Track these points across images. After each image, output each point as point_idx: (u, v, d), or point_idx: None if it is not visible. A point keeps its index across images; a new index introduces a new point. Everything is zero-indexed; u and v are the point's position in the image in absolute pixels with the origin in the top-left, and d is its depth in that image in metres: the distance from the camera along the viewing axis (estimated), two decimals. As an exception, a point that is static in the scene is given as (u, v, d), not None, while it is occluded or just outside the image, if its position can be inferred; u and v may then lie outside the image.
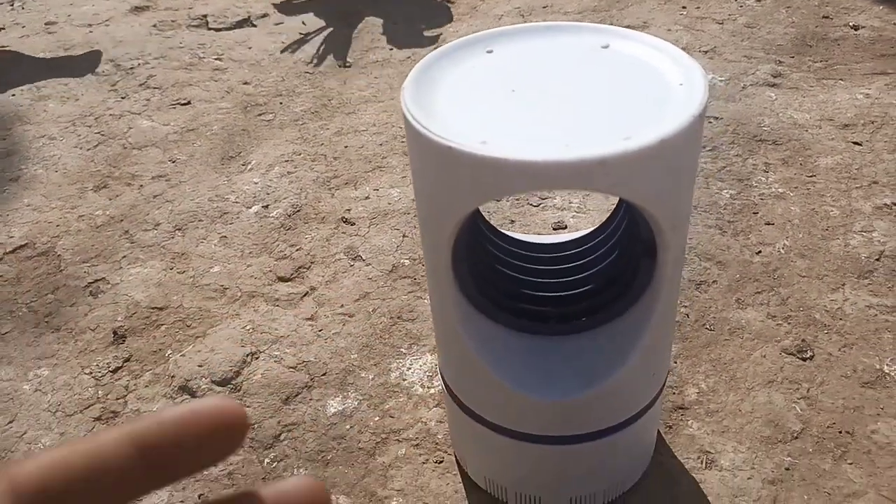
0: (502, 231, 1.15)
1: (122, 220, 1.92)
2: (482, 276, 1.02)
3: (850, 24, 2.53)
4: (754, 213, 1.75)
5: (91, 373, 1.50)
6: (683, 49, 2.34)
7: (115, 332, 1.58)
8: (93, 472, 0.19)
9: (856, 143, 1.94)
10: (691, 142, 0.81)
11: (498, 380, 0.98)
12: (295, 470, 1.29)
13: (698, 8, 2.72)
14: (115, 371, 1.50)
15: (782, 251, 1.64)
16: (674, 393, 1.37)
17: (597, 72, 0.91)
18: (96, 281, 1.73)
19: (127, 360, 1.52)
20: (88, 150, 2.23)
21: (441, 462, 1.29)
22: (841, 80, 2.23)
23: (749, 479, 1.21)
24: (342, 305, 1.61)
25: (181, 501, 1.25)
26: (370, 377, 1.45)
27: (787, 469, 1.23)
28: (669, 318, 1.01)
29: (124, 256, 1.80)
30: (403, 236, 1.79)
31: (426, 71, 0.91)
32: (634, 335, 0.97)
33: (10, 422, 1.41)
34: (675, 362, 1.42)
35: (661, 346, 1.03)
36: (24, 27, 3.05)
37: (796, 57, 2.36)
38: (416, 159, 0.87)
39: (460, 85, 0.90)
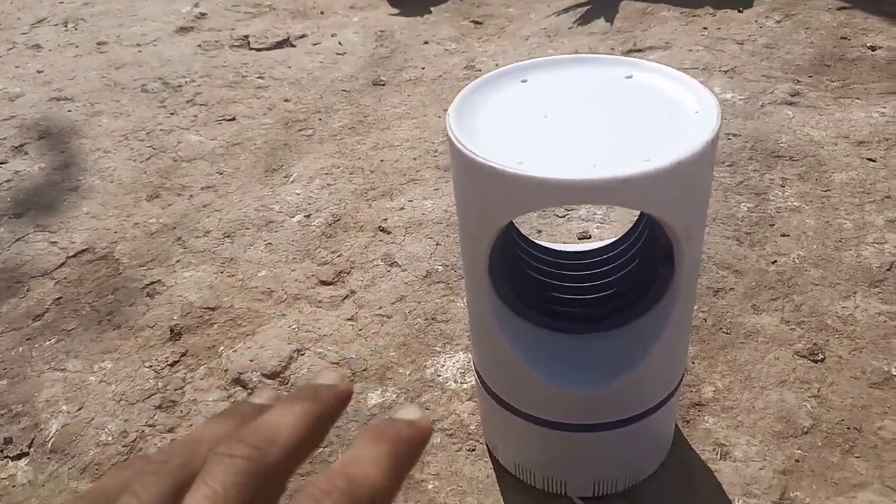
0: (533, 240, 1.27)
1: (174, 228, 2.06)
2: (515, 280, 1.14)
3: (868, 44, 2.61)
4: (770, 225, 1.84)
5: (151, 366, 1.63)
6: (704, 69, 2.45)
7: (171, 330, 1.71)
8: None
9: (870, 159, 2.03)
10: (705, 163, 0.92)
11: (529, 371, 1.09)
12: (340, 455, 1.40)
13: (719, 29, 2.83)
14: (172, 365, 1.63)
15: (797, 261, 1.73)
16: (691, 391, 1.46)
17: (621, 100, 1.02)
18: (152, 283, 1.87)
19: (183, 354, 1.65)
20: (141, 162, 2.38)
21: (473, 450, 1.39)
22: (857, 98, 2.31)
23: (761, 469, 1.30)
24: (380, 307, 1.73)
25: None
26: (407, 373, 1.56)
27: (797, 461, 1.32)
28: (686, 319, 1.11)
29: (178, 261, 1.94)
30: (437, 244, 1.90)
31: (468, 98, 1.03)
32: (654, 334, 1.08)
33: (79, 409, 1.54)
34: (693, 363, 1.52)
35: (679, 344, 1.14)
36: (77, 47, 3.24)
37: (814, 76, 2.45)
38: (459, 177, 0.99)
39: (498, 111, 1.01)
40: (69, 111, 2.72)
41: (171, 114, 2.65)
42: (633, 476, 1.27)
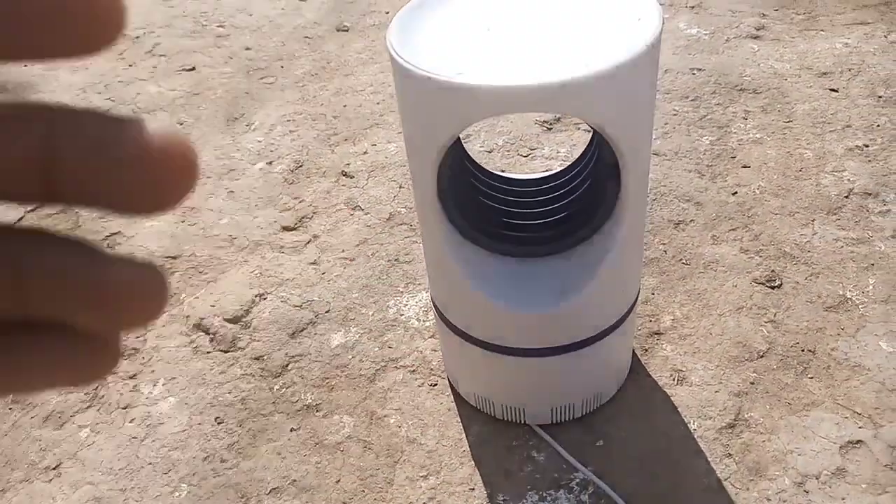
0: (484, 167, 1.26)
1: (134, 179, 2.03)
2: (467, 207, 1.13)
3: (835, -24, 2.58)
4: (732, 157, 1.84)
5: (112, 315, 1.62)
6: (670, 5, 2.42)
7: (132, 279, 1.70)
8: None
9: (832, 89, 2.02)
10: (645, 69, 0.91)
11: (481, 296, 1.09)
12: (302, 396, 1.41)
13: (687, -35, 2.78)
14: (134, 313, 1.62)
15: (757, 192, 1.74)
16: (650, 321, 1.47)
17: (564, 10, 1.00)
18: (112, 234, 1.85)
19: (145, 303, 1.64)
20: (100, 115, 2.33)
21: (435, 385, 1.40)
22: (822, 30, 2.30)
23: (716, 392, 1.33)
24: (343, 251, 1.72)
25: (199, 423, 1.37)
26: (370, 313, 1.56)
27: (752, 384, 1.34)
28: (635, 240, 1.12)
29: (138, 212, 1.91)
30: (400, 187, 1.89)
31: (409, 14, 1.01)
32: (601, 256, 1.08)
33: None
34: (653, 294, 1.53)
35: (628, 266, 1.14)
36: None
37: (780, 10, 2.43)
38: (403, 94, 0.97)
39: (441, 26, 0.99)
40: (25, 66, 2.65)
41: (130, 65, 2.59)
42: (589, 402, 1.28)
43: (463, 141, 1.29)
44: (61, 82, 2.53)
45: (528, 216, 1.17)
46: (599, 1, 1.00)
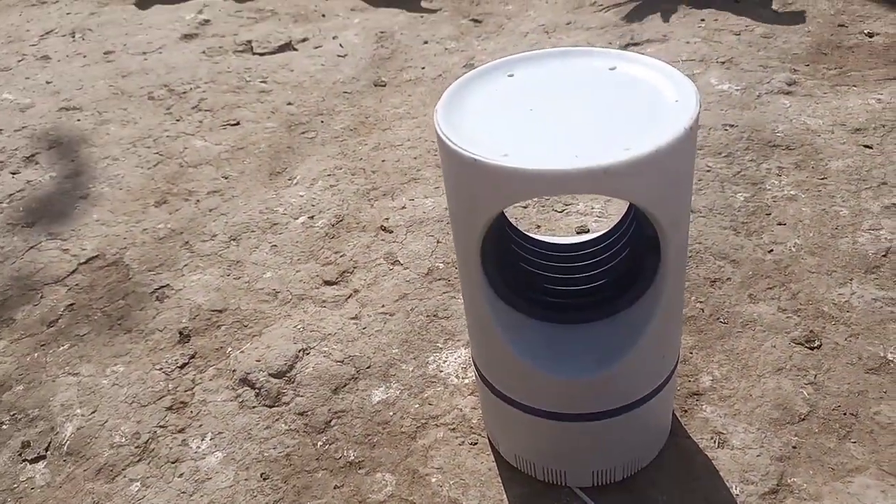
0: (525, 233, 1.29)
1: (182, 233, 2.11)
2: (509, 272, 1.17)
3: (866, 31, 2.62)
4: (767, 214, 1.86)
5: (161, 368, 1.67)
6: (701, 60, 2.47)
7: (180, 333, 1.76)
8: None
9: (867, 146, 2.04)
10: (684, 150, 0.94)
11: (523, 361, 1.12)
12: (345, 452, 1.44)
13: (716, 20, 2.84)
14: (182, 367, 1.67)
15: (793, 249, 1.75)
16: (689, 381, 1.48)
17: (604, 92, 1.05)
18: (161, 287, 1.91)
19: (192, 356, 1.69)
20: (148, 168, 2.43)
21: (476, 444, 1.43)
22: (854, 86, 2.32)
23: (758, 456, 1.33)
24: (383, 306, 1.76)
25: (245, 479, 1.41)
26: (410, 369, 1.59)
27: (794, 447, 1.34)
28: (676, 307, 1.14)
29: (185, 265, 1.98)
30: (437, 242, 1.93)
31: (455, 94, 1.06)
32: (644, 322, 1.10)
33: (93, 412, 1.59)
34: (691, 353, 1.54)
35: (669, 332, 1.16)
36: (85, 57, 3.30)
37: (811, 65, 2.46)
38: (448, 171, 1.02)
39: (485, 106, 1.04)
40: (78, 120, 2.78)
41: (177, 120, 2.70)
42: (631, 465, 1.29)
43: (505, 206, 1.33)
44: (112, 136, 2.64)
45: (569, 282, 1.20)
46: (636, 82, 1.05)
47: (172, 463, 1.46)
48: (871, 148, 2.02)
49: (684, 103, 0.96)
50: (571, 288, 1.20)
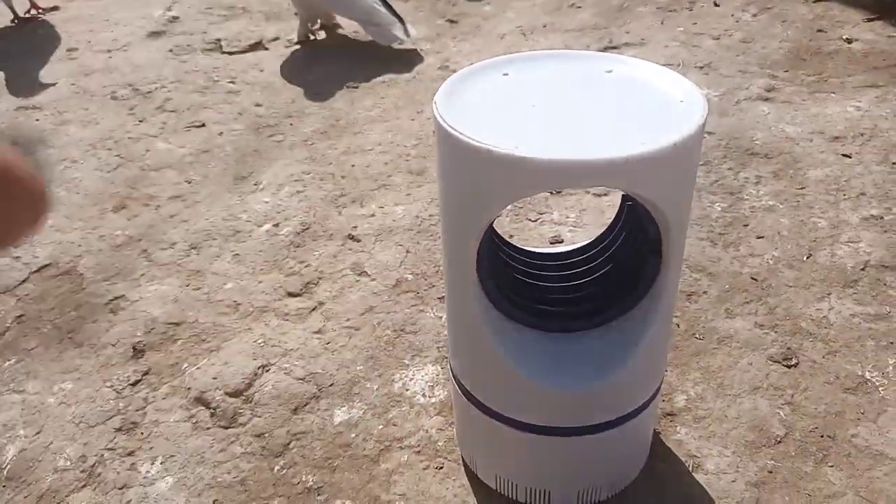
0: (515, 244, 1.25)
1: (140, 240, 2.02)
2: (501, 281, 1.10)
3: (844, 37, 2.59)
4: (745, 225, 1.81)
5: (112, 386, 1.59)
6: (679, 65, 2.42)
7: (134, 347, 1.67)
8: None
9: (845, 155, 2.00)
10: (696, 148, 0.92)
11: (516, 373, 1.06)
12: (304, 476, 1.37)
13: (695, 24, 2.79)
14: (134, 384, 1.59)
15: (771, 262, 1.70)
16: (664, 400, 1.43)
17: (605, 92, 1.01)
18: (116, 298, 1.83)
19: (146, 373, 1.61)
20: (108, 172, 2.33)
21: (441, 468, 1.36)
22: (833, 93, 2.28)
23: (733, 482, 1.28)
24: (348, 319, 1.69)
25: (197, 506, 1.33)
26: (374, 388, 1.52)
27: (770, 472, 1.29)
28: (670, 314, 1.09)
29: (142, 274, 1.89)
30: (407, 252, 1.87)
31: (452, 90, 1.00)
32: (643, 329, 1.05)
33: (37, 433, 1.50)
34: (666, 370, 1.48)
35: (663, 341, 1.12)
36: (47, 54, 3.18)
37: (790, 71, 2.43)
38: (449, 165, 0.96)
39: (484, 101, 0.99)
40: (36, 120, 2.67)
41: (140, 121, 2.60)
42: (616, 484, 1.24)
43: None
44: (71, 137, 2.54)
45: (564, 290, 1.15)
46: (638, 83, 1.01)
47: (119, 489, 1.37)
48: (849, 157, 1.99)
49: (691, 102, 0.94)
50: (566, 296, 1.15)
